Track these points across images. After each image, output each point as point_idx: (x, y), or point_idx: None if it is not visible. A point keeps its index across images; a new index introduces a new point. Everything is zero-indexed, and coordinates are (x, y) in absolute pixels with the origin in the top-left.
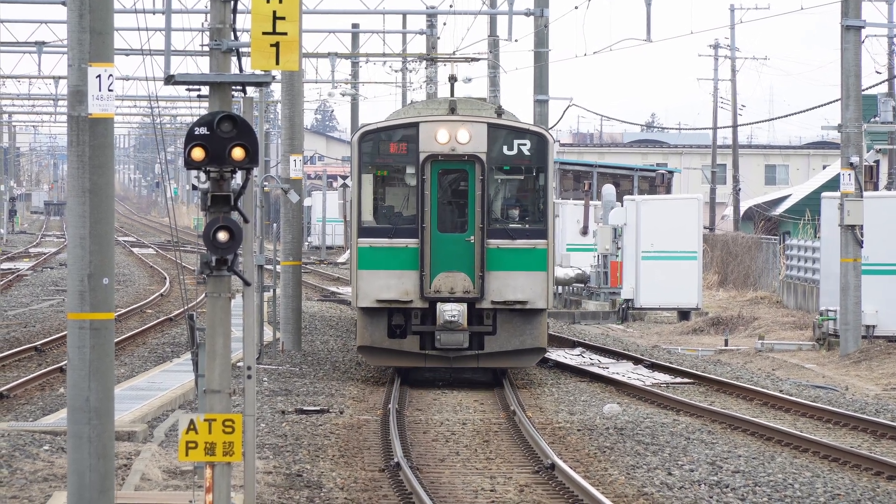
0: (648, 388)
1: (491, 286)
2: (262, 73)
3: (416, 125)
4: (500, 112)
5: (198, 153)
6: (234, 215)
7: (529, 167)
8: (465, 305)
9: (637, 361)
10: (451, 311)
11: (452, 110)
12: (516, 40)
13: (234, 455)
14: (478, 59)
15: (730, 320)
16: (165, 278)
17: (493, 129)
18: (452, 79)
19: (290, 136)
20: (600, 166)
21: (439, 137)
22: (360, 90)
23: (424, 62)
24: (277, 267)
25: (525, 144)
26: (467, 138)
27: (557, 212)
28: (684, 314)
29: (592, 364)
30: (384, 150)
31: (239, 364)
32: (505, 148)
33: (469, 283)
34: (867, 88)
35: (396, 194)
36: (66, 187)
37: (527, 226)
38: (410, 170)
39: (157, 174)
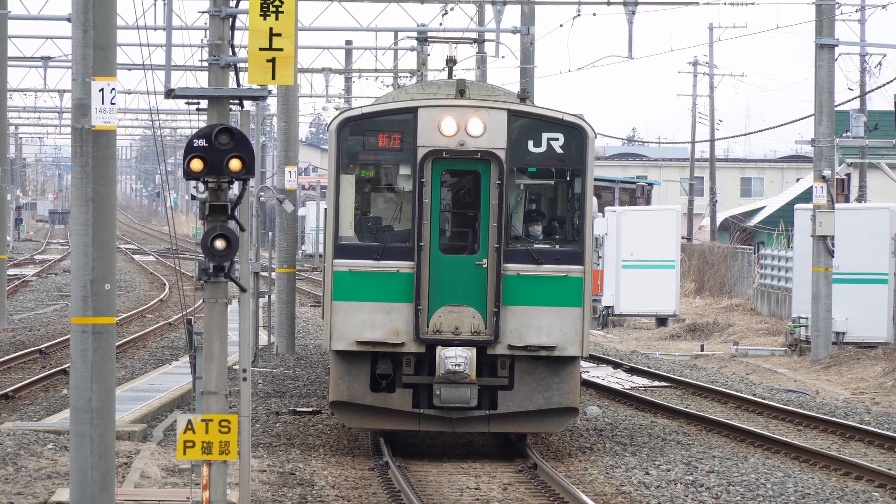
0: (627, 391)
1: (508, 326)
2: (259, 87)
3: (413, 111)
4: (523, 97)
5: (197, 164)
6: (231, 224)
7: (562, 169)
8: (473, 351)
9: (616, 366)
10: (456, 359)
11: (461, 93)
12: (503, 57)
13: (230, 454)
14: (477, 41)
15: (706, 327)
16: (165, 284)
17: (516, 117)
18: (451, 61)
19: (285, 148)
20: None
21: (444, 128)
22: (354, 104)
23: (414, 77)
24: (272, 274)
25: (557, 139)
26: (481, 130)
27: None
28: (662, 321)
29: None
30: (371, 144)
31: (235, 367)
32: (531, 143)
33: (479, 320)
34: (840, 104)
35: (386, 202)
36: (70, 197)
37: (557, 246)
38: (405, 170)
39: (158, 184)
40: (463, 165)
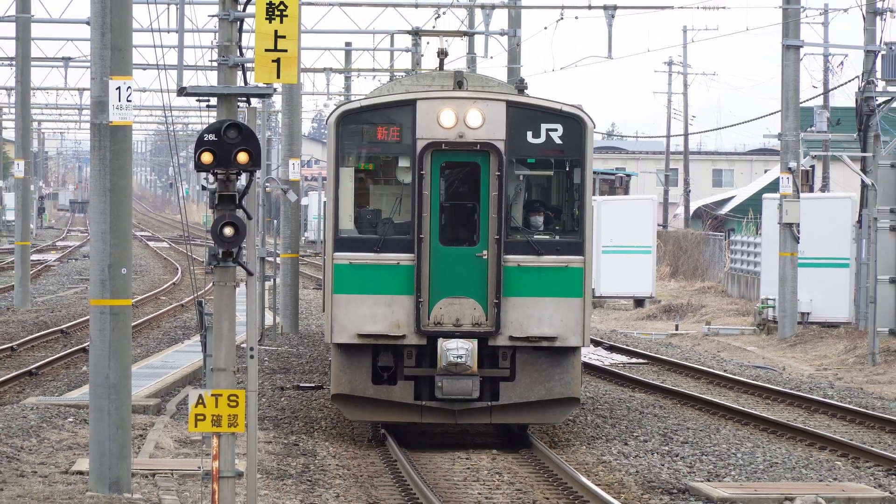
0: (607, 367)
1: (509, 317)
2: (265, 85)
3: (412, 103)
4: (521, 87)
5: (207, 157)
6: (239, 213)
7: (561, 160)
8: (474, 342)
9: (597, 344)
10: (457, 350)
11: (459, 84)
12: (492, 57)
13: (238, 426)
14: (468, 34)
15: (680, 307)
16: (177, 269)
17: (515, 109)
18: (442, 53)
19: (289, 142)
20: None
21: (443, 120)
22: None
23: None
24: (277, 259)
25: (556, 130)
26: (480, 121)
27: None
28: (640, 302)
29: None
30: (370, 137)
31: (242, 345)
32: (530, 134)
33: (480, 312)
34: (805, 101)
35: (385, 195)
36: (89, 187)
37: (557, 237)
38: (404, 162)
39: (171, 176)
40: (462, 157)
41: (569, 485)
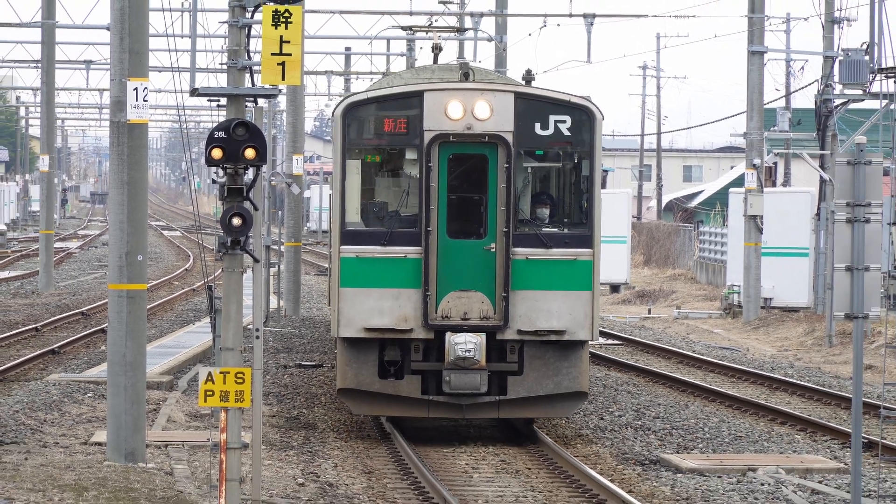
0: None
1: (517, 310)
2: (271, 87)
3: (419, 95)
4: (529, 79)
5: (217, 153)
6: (246, 204)
7: (570, 152)
8: (482, 336)
9: None
10: (465, 344)
11: (466, 76)
12: (480, 61)
13: (244, 401)
14: (466, 29)
15: (652, 293)
16: (189, 256)
17: (523, 100)
18: (437, 48)
19: (293, 139)
20: None
21: (451, 112)
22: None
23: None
24: (281, 247)
25: (564, 122)
26: (488, 113)
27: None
28: (615, 288)
29: None
30: (377, 129)
31: (249, 326)
32: (538, 126)
33: (488, 305)
34: (768, 103)
35: (392, 187)
36: (109, 180)
37: (566, 230)
38: (411, 154)
39: (184, 170)
40: (470, 149)
41: (548, 454)
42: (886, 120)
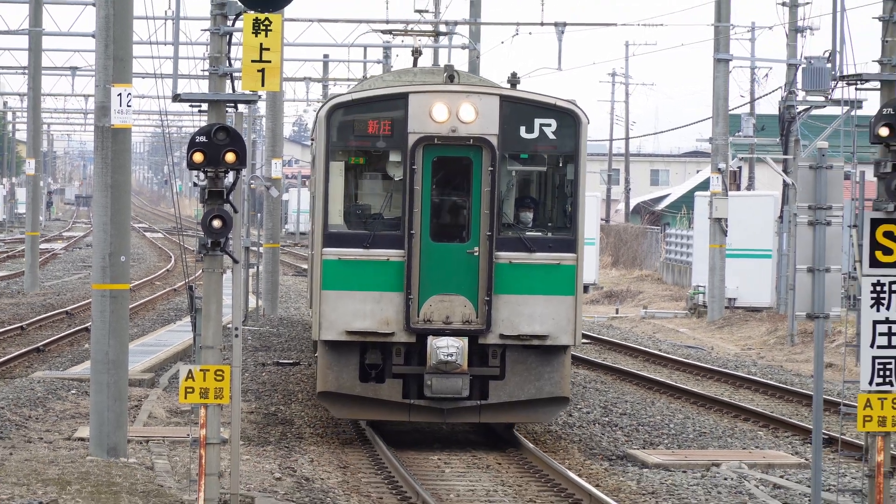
0: None
1: (500, 314)
2: (251, 93)
3: (404, 97)
4: (514, 82)
5: (198, 157)
6: (227, 207)
7: (555, 155)
8: (465, 340)
9: None
10: (448, 348)
11: (451, 78)
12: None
13: (224, 398)
14: (443, 34)
15: (620, 293)
16: (171, 257)
17: (509, 103)
18: (417, 52)
19: (272, 143)
20: None
21: (435, 114)
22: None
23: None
24: (260, 248)
25: (549, 125)
26: (473, 116)
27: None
28: (584, 288)
29: None
30: (360, 130)
31: (228, 325)
32: (523, 129)
33: (471, 309)
34: (733, 109)
35: (375, 189)
36: (93, 183)
37: (549, 234)
38: (395, 157)
39: (166, 173)
40: (454, 152)
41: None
42: (847, 126)
